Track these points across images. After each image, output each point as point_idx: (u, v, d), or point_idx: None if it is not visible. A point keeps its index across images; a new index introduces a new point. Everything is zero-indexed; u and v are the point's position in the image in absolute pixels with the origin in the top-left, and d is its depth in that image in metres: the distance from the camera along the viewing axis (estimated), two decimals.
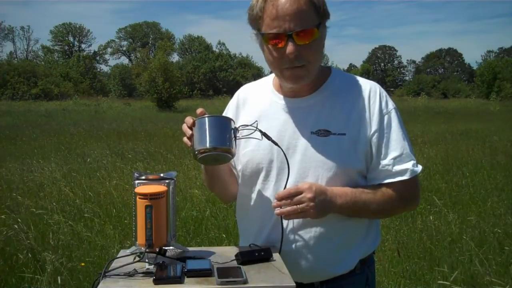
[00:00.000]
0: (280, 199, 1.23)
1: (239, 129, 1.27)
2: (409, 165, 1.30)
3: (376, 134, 1.30)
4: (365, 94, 1.33)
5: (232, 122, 1.25)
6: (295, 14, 1.20)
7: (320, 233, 1.31)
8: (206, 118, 1.22)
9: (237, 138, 1.25)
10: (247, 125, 1.29)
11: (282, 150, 1.29)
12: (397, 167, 1.29)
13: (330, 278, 1.34)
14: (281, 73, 1.30)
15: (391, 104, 1.34)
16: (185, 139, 1.27)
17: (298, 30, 1.20)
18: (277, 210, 1.24)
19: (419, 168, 1.32)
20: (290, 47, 1.22)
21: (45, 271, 3.35)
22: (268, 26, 1.23)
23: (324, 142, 1.29)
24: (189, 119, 1.26)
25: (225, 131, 1.22)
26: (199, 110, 1.27)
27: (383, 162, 1.30)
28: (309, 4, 1.22)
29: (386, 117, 1.31)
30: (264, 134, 1.28)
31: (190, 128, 1.24)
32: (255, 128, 1.28)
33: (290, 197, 1.22)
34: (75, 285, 3.30)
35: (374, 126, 1.30)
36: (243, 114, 1.45)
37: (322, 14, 1.25)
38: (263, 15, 1.24)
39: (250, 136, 1.29)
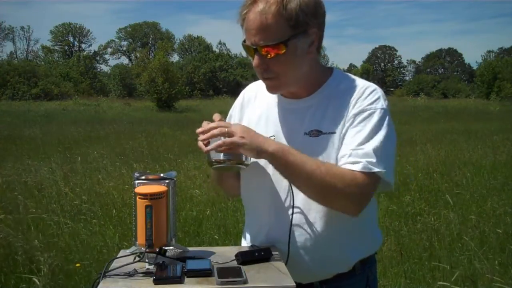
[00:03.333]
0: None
1: None
2: (363, 159, 1.20)
3: (347, 124, 1.27)
4: (358, 93, 1.30)
5: None
6: (259, 28, 1.20)
7: (318, 233, 1.31)
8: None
9: None
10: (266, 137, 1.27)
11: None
12: (351, 159, 1.22)
13: (329, 278, 1.34)
14: (262, 80, 1.34)
15: (380, 104, 1.28)
16: (200, 144, 1.25)
17: (262, 44, 1.21)
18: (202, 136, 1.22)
19: (373, 168, 1.19)
20: (255, 61, 1.24)
21: (41, 272, 3.35)
22: (245, 37, 1.27)
23: (315, 142, 1.29)
24: (206, 126, 1.25)
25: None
26: (216, 118, 1.27)
27: (342, 152, 1.25)
28: (277, 17, 1.19)
29: (367, 112, 1.26)
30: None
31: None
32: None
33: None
34: (72, 286, 3.30)
35: (349, 116, 1.27)
36: (247, 114, 1.46)
37: (295, 26, 1.21)
38: (243, 28, 1.27)
39: None
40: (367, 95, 1.29)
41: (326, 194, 1.22)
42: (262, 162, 1.35)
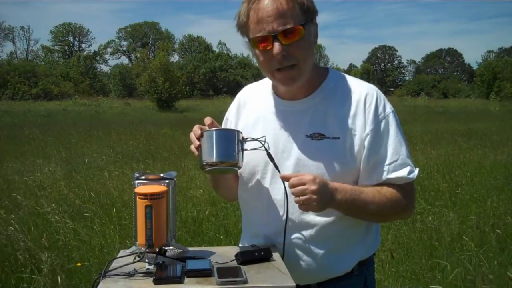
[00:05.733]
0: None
1: (247, 140, 1.27)
2: (404, 172, 1.28)
3: (369, 137, 1.28)
4: (361, 98, 1.30)
5: (239, 134, 1.26)
6: (277, 14, 1.20)
7: (317, 235, 1.31)
8: (214, 132, 1.22)
9: (244, 150, 1.26)
10: (255, 139, 1.28)
11: (278, 171, 1.28)
12: (392, 175, 1.28)
13: (327, 279, 1.34)
14: (272, 76, 1.30)
15: (388, 108, 1.32)
16: (192, 148, 1.27)
17: (281, 29, 1.20)
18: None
19: (414, 175, 1.30)
20: (276, 48, 1.21)
21: (42, 272, 3.35)
22: (253, 31, 1.24)
23: (318, 146, 1.29)
24: (197, 130, 1.25)
25: (232, 145, 1.22)
26: (207, 121, 1.27)
27: (378, 169, 1.29)
28: (292, 3, 1.20)
29: (383, 122, 1.29)
30: (268, 155, 1.28)
31: (198, 138, 1.24)
32: (262, 142, 1.27)
33: (292, 187, 1.20)
34: (73, 285, 3.30)
35: (367, 128, 1.28)
36: (243, 116, 1.45)
37: (307, 12, 1.23)
38: (248, 21, 1.25)
39: (258, 148, 1.28)
40: (375, 104, 1.30)
41: (385, 219, 1.39)
42: (260, 163, 1.35)
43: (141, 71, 39.88)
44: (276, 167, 1.28)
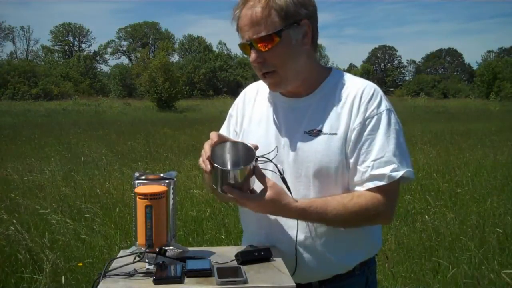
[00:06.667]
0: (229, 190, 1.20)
1: (258, 159, 1.24)
2: (387, 169, 1.24)
3: (355, 131, 1.27)
4: (358, 93, 1.31)
5: (252, 163, 1.21)
6: (251, 22, 1.23)
7: (320, 232, 1.31)
8: (227, 172, 1.19)
9: (257, 166, 1.24)
10: (265, 157, 1.27)
11: (286, 183, 1.27)
12: (375, 171, 1.25)
13: (329, 277, 1.34)
14: (262, 79, 1.35)
15: (384, 106, 1.30)
16: (202, 165, 1.23)
17: (255, 37, 1.23)
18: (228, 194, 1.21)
19: (398, 174, 1.24)
20: (252, 55, 1.27)
21: (43, 271, 3.35)
22: (240, 36, 1.29)
23: (314, 141, 1.30)
24: (207, 160, 1.19)
25: (245, 176, 1.21)
26: (214, 137, 1.22)
27: (363, 165, 1.27)
28: (267, 10, 1.22)
29: (375, 118, 1.28)
30: (283, 179, 1.28)
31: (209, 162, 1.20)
32: (279, 169, 1.29)
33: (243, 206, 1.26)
34: (74, 285, 3.30)
35: (356, 122, 1.28)
36: (248, 112, 1.47)
37: (287, 17, 1.23)
38: (237, 27, 1.30)
39: (266, 165, 1.30)
40: (369, 99, 1.29)
41: (358, 225, 1.31)
42: (262, 160, 1.35)
43: (141, 71, 39.86)
44: (289, 189, 1.26)
